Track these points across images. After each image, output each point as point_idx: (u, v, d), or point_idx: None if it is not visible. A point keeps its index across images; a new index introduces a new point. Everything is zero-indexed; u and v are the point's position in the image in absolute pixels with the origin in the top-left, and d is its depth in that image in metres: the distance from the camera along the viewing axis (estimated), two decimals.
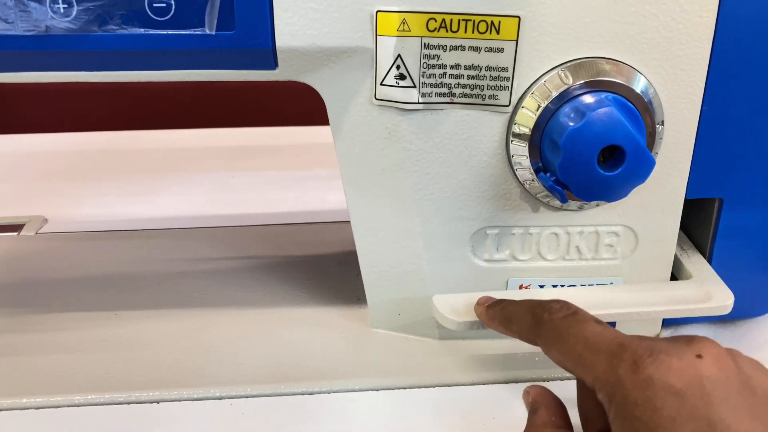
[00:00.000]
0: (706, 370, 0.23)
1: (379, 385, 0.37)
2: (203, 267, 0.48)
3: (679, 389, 0.23)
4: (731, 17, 0.32)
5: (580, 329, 0.27)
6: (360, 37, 0.32)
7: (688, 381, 0.23)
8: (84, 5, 0.31)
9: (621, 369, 0.24)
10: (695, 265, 0.38)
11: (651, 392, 0.23)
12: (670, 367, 0.23)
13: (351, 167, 0.36)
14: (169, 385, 0.36)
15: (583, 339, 0.27)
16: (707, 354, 0.24)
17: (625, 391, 0.24)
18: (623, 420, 0.24)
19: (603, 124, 0.31)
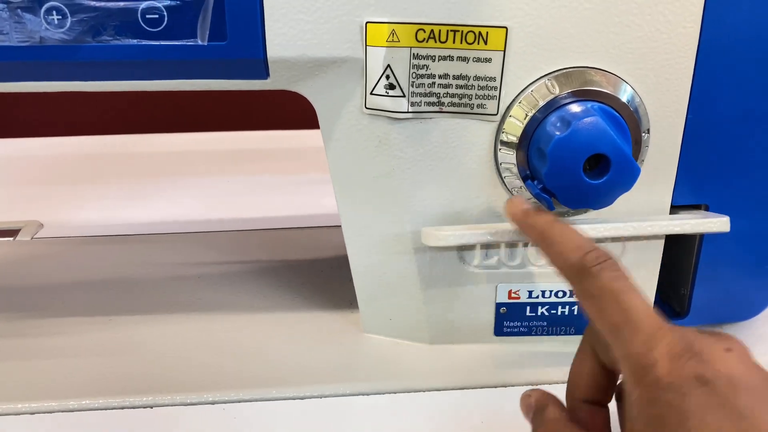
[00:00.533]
0: (735, 364, 0.24)
1: (370, 390, 0.37)
2: (197, 271, 0.49)
3: (710, 378, 0.23)
4: (715, 27, 0.33)
5: (625, 298, 0.27)
6: (350, 47, 0.33)
7: (719, 372, 0.24)
8: (78, 17, 0.32)
9: (657, 352, 0.25)
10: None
11: (683, 379, 0.24)
12: (703, 358, 0.24)
13: (342, 175, 0.37)
14: (163, 390, 0.36)
15: (626, 310, 0.26)
16: (735, 349, 0.25)
17: (657, 374, 0.24)
18: (650, 401, 0.24)
19: (588, 133, 0.31)
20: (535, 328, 0.39)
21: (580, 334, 0.40)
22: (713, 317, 0.40)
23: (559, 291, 0.39)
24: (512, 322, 0.39)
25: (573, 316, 0.39)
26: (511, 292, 0.39)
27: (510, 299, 0.39)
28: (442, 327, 0.40)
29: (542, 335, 0.40)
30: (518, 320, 0.39)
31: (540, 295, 0.39)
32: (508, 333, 0.40)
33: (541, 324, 0.39)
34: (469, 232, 0.35)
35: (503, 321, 0.39)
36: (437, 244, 0.36)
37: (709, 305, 0.40)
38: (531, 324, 0.39)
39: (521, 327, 0.39)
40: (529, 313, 0.39)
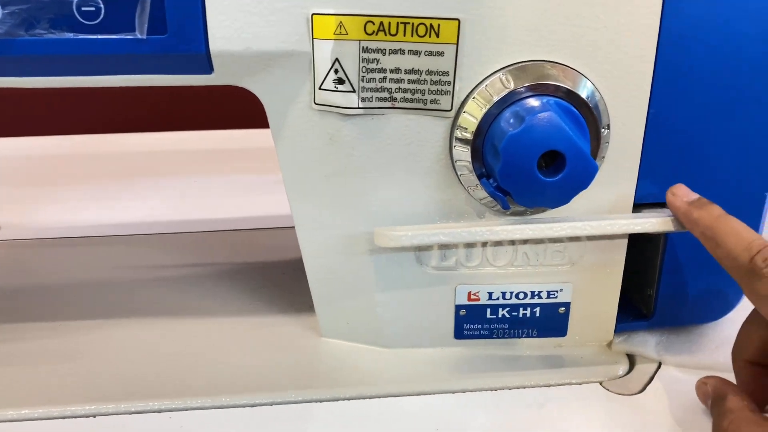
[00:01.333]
0: None
1: (324, 397, 0.36)
2: (156, 274, 0.47)
3: None
4: (675, 20, 0.32)
5: None
6: (297, 40, 0.32)
7: None
8: (9, 8, 0.30)
9: None
10: None
11: None
12: None
13: (293, 173, 0.35)
14: (107, 398, 0.35)
15: None
16: None
17: None
18: None
19: (542, 129, 0.30)
20: (497, 330, 0.38)
21: (542, 336, 0.39)
22: (679, 319, 0.39)
23: (520, 292, 0.37)
24: (472, 325, 0.38)
25: (535, 318, 0.38)
26: (470, 294, 0.37)
27: (469, 301, 0.37)
28: (400, 331, 0.38)
29: (504, 338, 0.39)
30: (478, 323, 0.38)
31: (500, 296, 0.37)
32: (469, 336, 0.38)
33: (502, 326, 0.38)
34: (423, 233, 0.34)
35: (463, 324, 0.38)
36: (389, 245, 0.34)
37: (675, 307, 0.39)
38: (492, 327, 0.38)
39: (482, 330, 0.38)
40: (490, 316, 0.38)
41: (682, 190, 0.34)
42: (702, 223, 0.32)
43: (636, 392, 0.36)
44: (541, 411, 0.35)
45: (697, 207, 0.32)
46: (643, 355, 0.38)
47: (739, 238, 0.30)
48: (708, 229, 0.31)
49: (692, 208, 0.32)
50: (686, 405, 0.34)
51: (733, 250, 0.30)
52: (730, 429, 0.29)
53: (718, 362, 0.37)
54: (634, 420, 0.34)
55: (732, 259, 0.30)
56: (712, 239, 0.31)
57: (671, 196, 0.34)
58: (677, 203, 0.33)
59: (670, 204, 0.34)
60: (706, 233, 0.31)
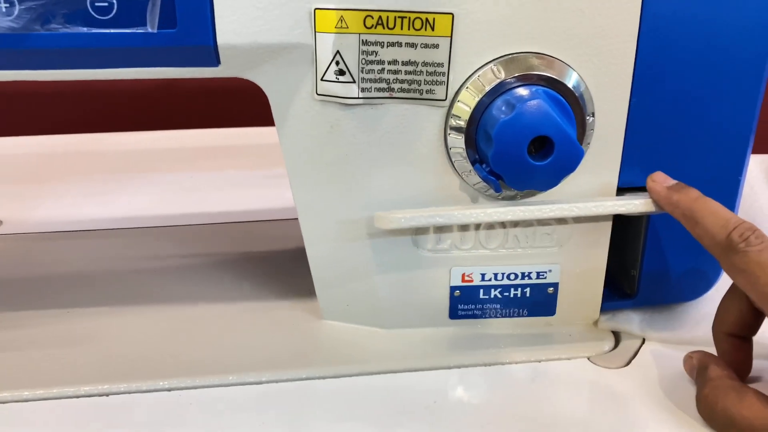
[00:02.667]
0: None
1: (326, 374, 0.37)
2: (157, 265, 0.49)
3: None
4: (654, 11, 0.34)
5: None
6: (300, 33, 0.33)
7: None
8: (26, 4, 0.32)
9: None
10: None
11: None
12: None
13: (296, 161, 0.37)
14: (118, 378, 0.36)
15: None
16: None
17: None
18: None
19: (532, 115, 0.32)
20: (489, 310, 0.40)
21: (532, 316, 0.41)
22: (662, 297, 0.41)
23: (512, 274, 0.39)
24: (466, 305, 0.40)
25: (525, 298, 0.40)
26: (464, 276, 0.39)
27: (463, 282, 0.39)
28: (397, 311, 0.40)
29: (496, 317, 0.41)
30: (472, 303, 0.40)
31: (493, 277, 0.39)
32: (463, 316, 0.40)
33: (494, 306, 0.40)
34: (420, 215, 0.36)
35: (457, 304, 0.40)
36: (389, 227, 0.36)
37: (657, 286, 0.41)
38: (485, 306, 0.40)
39: (475, 310, 0.40)
40: (483, 296, 0.40)
41: (660, 176, 0.36)
42: (681, 205, 0.34)
43: (621, 366, 0.38)
44: (533, 384, 0.37)
45: (676, 191, 0.35)
46: (627, 331, 0.41)
47: (717, 217, 0.32)
48: (687, 210, 0.33)
49: (672, 192, 0.35)
50: (668, 377, 0.37)
51: (711, 228, 0.32)
52: (711, 395, 0.32)
53: (698, 337, 0.39)
54: (620, 391, 0.36)
55: (710, 237, 0.32)
56: (691, 219, 0.33)
57: (651, 182, 0.36)
58: (657, 188, 0.35)
59: (651, 190, 0.36)
60: (686, 214, 0.33)
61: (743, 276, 0.31)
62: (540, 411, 0.35)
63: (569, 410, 0.35)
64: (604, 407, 0.35)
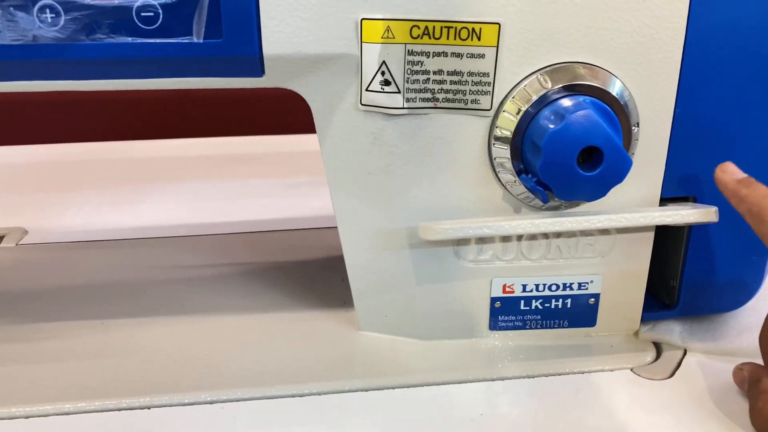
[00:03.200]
0: None
1: (367, 386, 0.37)
2: (188, 274, 0.49)
3: None
4: (700, 23, 0.34)
5: None
6: (345, 44, 0.33)
7: None
8: (72, 15, 0.32)
9: None
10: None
11: None
12: None
13: (337, 171, 0.37)
14: (160, 391, 0.36)
15: None
16: None
17: None
18: None
19: (582, 126, 0.32)
20: (530, 321, 0.40)
21: (573, 327, 0.41)
22: (701, 308, 0.41)
23: (553, 284, 0.39)
24: (507, 317, 0.40)
25: (566, 309, 0.40)
26: (505, 287, 0.39)
27: (504, 293, 0.39)
28: (437, 323, 0.40)
29: (536, 329, 0.40)
30: (513, 314, 0.40)
31: (534, 288, 0.39)
32: (503, 327, 0.40)
33: (535, 317, 0.40)
34: (467, 226, 0.36)
35: (498, 315, 0.40)
36: (434, 238, 0.36)
37: (697, 297, 0.40)
38: (525, 318, 0.40)
39: (516, 321, 0.40)
40: (524, 307, 0.39)
41: (731, 167, 0.35)
42: (749, 200, 0.33)
43: (666, 377, 0.37)
44: (578, 396, 0.36)
45: (746, 185, 0.33)
46: (668, 342, 0.40)
47: None
48: (755, 206, 0.32)
49: (741, 186, 0.34)
50: (715, 388, 0.36)
51: None
52: (765, 408, 0.31)
53: (740, 348, 0.39)
54: (667, 403, 0.35)
55: None
56: (758, 216, 0.32)
57: (721, 173, 0.35)
58: (726, 179, 0.34)
59: (719, 180, 0.34)
60: (752, 210, 0.32)
61: None
62: (586, 423, 0.34)
63: (616, 422, 0.34)
64: (652, 419, 0.34)
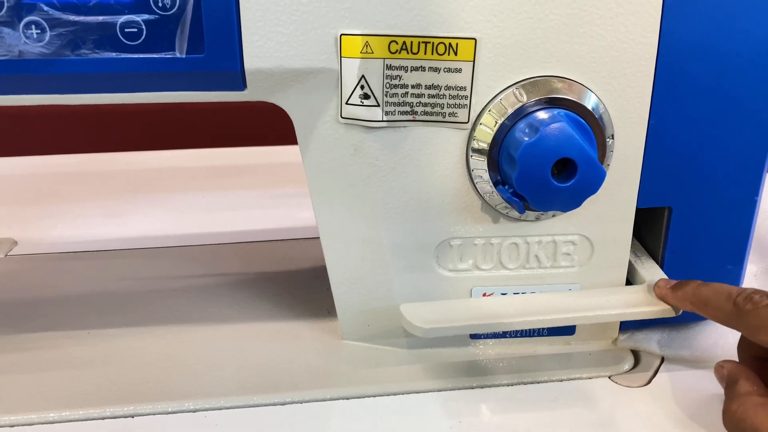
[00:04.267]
0: None
1: (350, 394, 0.38)
2: (174, 285, 0.49)
3: None
4: (672, 36, 0.35)
5: None
6: (325, 58, 0.34)
7: None
8: (57, 30, 0.32)
9: None
10: (648, 270, 0.40)
11: None
12: None
13: (319, 183, 0.37)
14: (143, 399, 0.36)
15: None
16: None
17: None
18: None
19: (556, 138, 0.33)
20: (509, 330, 0.40)
21: (552, 335, 0.41)
22: (681, 317, 0.41)
23: (532, 293, 0.40)
24: None
25: None
26: (485, 295, 0.40)
27: None
28: None
29: (516, 337, 0.41)
30: None
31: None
32: (483, 336, 0.41)
33: None
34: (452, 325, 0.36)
35: None
36: (416, 333, 0.37)
37: None
38: None
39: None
40: None
41: (662, 282, 0.38)
42: (687, 297, 0.36)
43: (643, 385, 0.38)
44: (556, 403, 0.37)
45: (679, 287, 0.37)
46: (646, 350, 0.41)
47: (720, 293, 0.34)
48: (693, 299, 0.35)
49: (675, 290, 0.37)
50: (690, 396, 0.37)
51: (718, 303, 0.34)
52: (739, 411, 0.32)
53: (716, 356, 0.39)
54: (643, 411, 0.36)
55: (721, 311, 0.34)
56: (699, 304, 0.35)
57: (657, 289, 0.38)
58: (663, 292, 0.37)
59: (658, 296, 0.38)
60: (693, 302, 0.35)
61: (763, 332, 0.32)
62: (563, 431, 0.35)
63: (593, 430, 0.35)
64: (628, 426, 0.35)
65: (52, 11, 0.32)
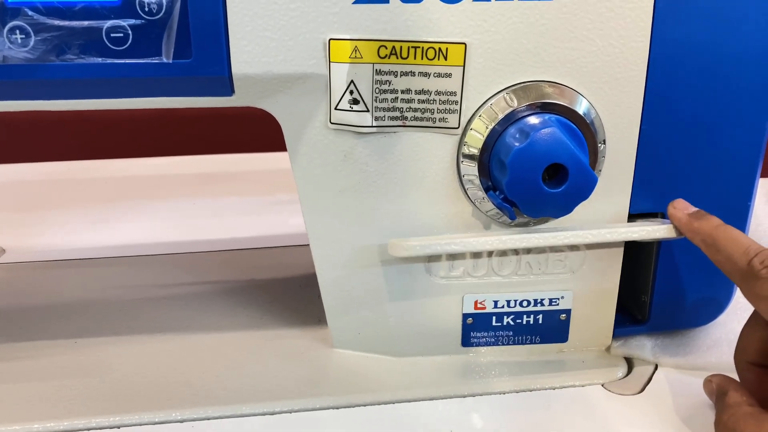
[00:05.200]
0: None
1: (339, 403, 0.37)
2: (165, 293, 0.49)
3: None
4: (663, 41, 0.35)
5: None
6: (314, 63, 0.34)
7: None
8: (42, 35, 0.32)
9: None
10: None
11: None
12: None
13: (308, 189, 0.37)
14: (130, 410, 0.36)
15: None
16: None
17: None
18: None
19: (546, 143, 0.32)
20: (502, 337, 0.40)
21: (545, 342, 0.41)
22: (672, 323, 0.41)
23: (524, 300, 0.39)
24: (479, 333, 0.40)
25: (538, 325, 0.40)
26: (477, 303, 0.39)
27: (476, 309, 0.39)
28: (410, 339, 0.40)
29: (509, 345, 0.40)
30: (485, 330, 0.40)
31: (505, 305, 0.39)
32: (475, 343, 0.40)
33: (507, 333, 0.40)
34: (434, 243, 0.36)
35: (470, 331, 0.40)
36: (403, 255, 0.36)
37: (668, 312, 0.41)
38: (497, 334, 0.40)
39: (488, 337, 0.40)
40: (495, 323, 0.40)
41: (682, 203, 0.36)
42: (702, 232, 0.34)
43: (636, 392, 0.38)
44: (549, 412, 0.36)
45: (698, 218, 0.35)
46: (640, 357, 0.40)
47: (738, 244, 0.32)
48: (708, 237, 0.34)
49: (693, 219, 0.35)
50: (684, 403, 0.36)
51: (733, 254, 0.32)
52: (730, 422, 0.31)
53: (710, 362, 0.39)
54: (636, 418, 0.36)
55: (732, 263, 0.32)
56: (712, 246, 0.33)
57: (672, 209, 0.36)
58: (678, 215, 0.36)
59: (672, 216, 0.36)
60: (706, 240, 0.34)
61: (765, 303, 0.31)
62: None
63: None
64: None
65: (36, 16, 0.32)
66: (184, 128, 0.78)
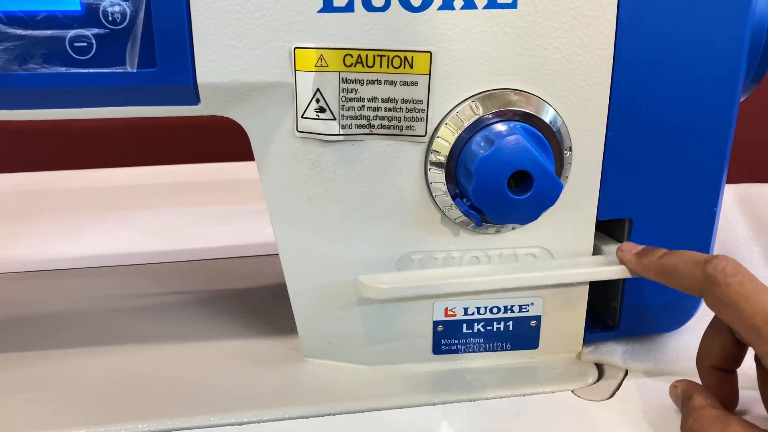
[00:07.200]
0: None
1: (310, 413, 0.37)
2: (135, 303, 0.48)
3: None
4: (627, 48, 0.35)
5: (758, 300, 0.29)
6: (280, 72, 0.34)
7: None
8: (4, 45, 0.32)
9: None
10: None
11: None
12: None
13: (277, 198, 0.37)
14: (98, 422, 0.35)
15: (762, 312, 0.29)
16: None
17: None
18: None
19: (511, 151, 0.33)
20: (472, 345, 0.40)
21: (516, 349, 0.41)
22: (643, 329, 0.42)
23: (494, 307, 0.39)
24: (449, 340, 0.40)
25: (509, 331, 0.40)
26: (447, 310, 0.39)
27: (446, 317, 0.39)
28: (381, 348, 0.40)
29: (479, 352, 0.40)
30: (455, 338, 0.40)
31: (475, 312, 0.39)
32: (446, 351, 0.40)
33: (477, 341, 0.40)
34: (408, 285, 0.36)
35: (441, 339, 0.40)
36: (371, 296, 0.36)
37: (638, 318, 0.41)
38: (468, 341, 0.40)
39: (458, 344, 0.40)
40: (466, 330, 0.40)
41: (628, 245, 0.37)
42: (652, 266, 0.35)
43: (606, 398, 0.38)
44: (518, 419, 0.36)
45: (644, 254, 0.36)
46: (610, 363, 0.41)
47: (687, 260, 0.33)
48: (658, 267, 0.35)
49: (640, 258, 0.36)
50: (653, 408, 0.37)
51: (686, 271, 0.33)
52: (695, 426, 0.32)
53: (679, 367, 0.39)
54: (605, 424, 0.36)
55: (688, 279, 0.33)
56: (665, 273, 0.34)
57: (620, 253, 0.37)
58: (627, 257, 0.37)
59: (621, 260, 0.37)
60: (658, 271, 0.35)
61: (727, 309, 0.31)
62: None
63: None
64: None
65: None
66: (158, 138, 0.77)
